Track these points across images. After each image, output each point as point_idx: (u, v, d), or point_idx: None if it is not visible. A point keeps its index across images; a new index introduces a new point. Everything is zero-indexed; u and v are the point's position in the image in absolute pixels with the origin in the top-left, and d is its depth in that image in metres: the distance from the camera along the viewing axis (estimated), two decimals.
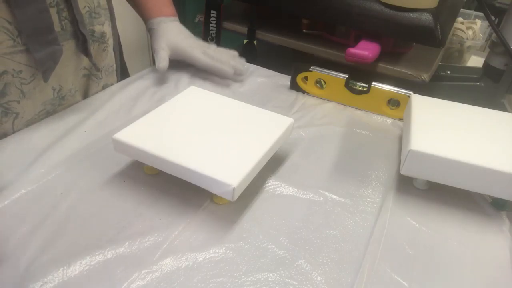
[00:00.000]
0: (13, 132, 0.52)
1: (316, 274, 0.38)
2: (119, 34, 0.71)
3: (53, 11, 0.50)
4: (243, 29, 0.83)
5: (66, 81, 0.56)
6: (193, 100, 0.53)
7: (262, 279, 0.37)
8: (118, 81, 0.69)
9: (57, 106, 0.57)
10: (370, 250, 0.41)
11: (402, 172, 0.47)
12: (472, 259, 0.42)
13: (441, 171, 0.45)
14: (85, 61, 0.59)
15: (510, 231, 0.45)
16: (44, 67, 0.50)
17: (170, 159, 0.42)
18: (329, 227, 0.43)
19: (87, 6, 0.56)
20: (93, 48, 0.59)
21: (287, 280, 0.37)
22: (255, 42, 0.83)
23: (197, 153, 0.43)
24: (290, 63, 0.69)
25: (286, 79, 0.72)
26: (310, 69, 0.67)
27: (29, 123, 0.54)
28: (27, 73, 0.50)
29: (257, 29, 0.81)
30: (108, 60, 0.64)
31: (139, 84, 0.67)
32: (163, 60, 0.65)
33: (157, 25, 0.68)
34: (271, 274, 0.37)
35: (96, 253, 0.37)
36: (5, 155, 0.48)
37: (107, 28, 0.61)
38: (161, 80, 0.69)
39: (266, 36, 0.82)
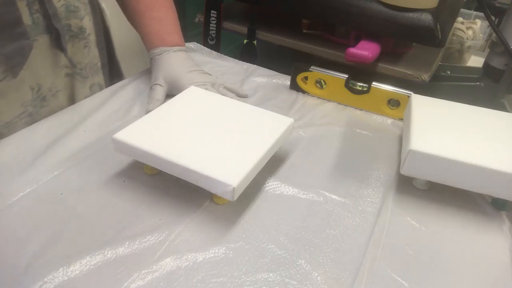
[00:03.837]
0: None
1: (316, 274, 0.38)
2: (115, 33, 0.68)
3: (22, 4, 0.48)
4: (243, 29, 0.83)
5: (44, 79, 0.53)
6: (193, 100, 0.53)
7: (262, 279, 0.37)
8: (106, 79, 0.66)
9: (39, 108, 0.54)
10: (370, 250, 0.41)
11: (402, 172, 0.47)
12: (472, 259, 0.42)
13: (441, 171, 0.45)
14: (64, 59, 0.56)
15: (510, 231, 0.45)
16: (12, 63, 0.47)
17: (170, 159, 0.42)
18: (329, 227, 0.43)
19: (63, 0, 0.53)
20: (72, 45, 0.56)
21: (287, 280, 0.37)
22: (255, 42, 0.83)
23: (197, 153, 0.43)
24: (290, 63, 0.69)
25: (286, 79, 0.72)
26: (310, 69, 0.67)
27: (10, 126, 0.52)
28: None
29: (257, 29, 0.81)
30: (91, 57, 0.61)
31: (139, 84, 0.67)
32: (155, 101, 0.58)
33: (157, 55, 0.63)
34: (271, 274, 0.37)
35: (96, 253, 0.37)
36: (5, 155, 0.48)
37: (87, 23, 0.58)
38: None
39: (266, 36, 0.82)
